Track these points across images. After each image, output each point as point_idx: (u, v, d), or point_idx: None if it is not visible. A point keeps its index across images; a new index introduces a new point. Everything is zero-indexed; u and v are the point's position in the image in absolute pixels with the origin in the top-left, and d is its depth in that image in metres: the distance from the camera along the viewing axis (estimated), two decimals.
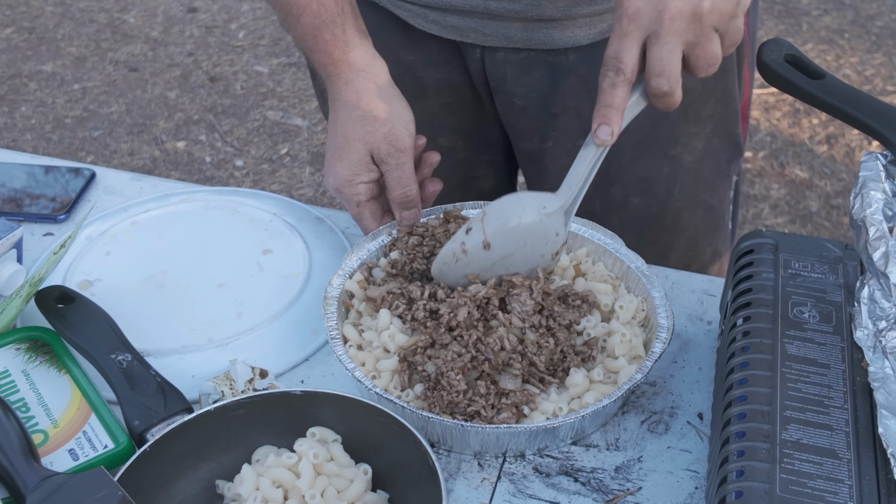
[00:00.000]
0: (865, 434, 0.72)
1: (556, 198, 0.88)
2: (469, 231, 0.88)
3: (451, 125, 1.26)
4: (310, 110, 3.06)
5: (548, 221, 0.87)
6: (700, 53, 0.83)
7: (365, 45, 1.02)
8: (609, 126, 0.85)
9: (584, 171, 0.87)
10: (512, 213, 0.87)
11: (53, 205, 1.16)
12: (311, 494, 0.76)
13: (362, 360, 0.89)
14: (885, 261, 0.76)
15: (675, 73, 0.82)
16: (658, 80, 0.83)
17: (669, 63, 0.82)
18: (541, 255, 0.89)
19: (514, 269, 0.89)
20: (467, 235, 0.88)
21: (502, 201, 0.88)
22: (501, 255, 0.87)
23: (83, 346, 0.90)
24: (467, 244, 0.88)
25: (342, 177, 1.00)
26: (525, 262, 0.89)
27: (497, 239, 0.87)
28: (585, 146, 0.87)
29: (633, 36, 0.82)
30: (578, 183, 0.87)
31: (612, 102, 0.84)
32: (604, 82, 0.84)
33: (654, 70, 0.82)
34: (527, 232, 0.87)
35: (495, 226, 0.87)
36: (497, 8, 1.08)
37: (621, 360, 0.87)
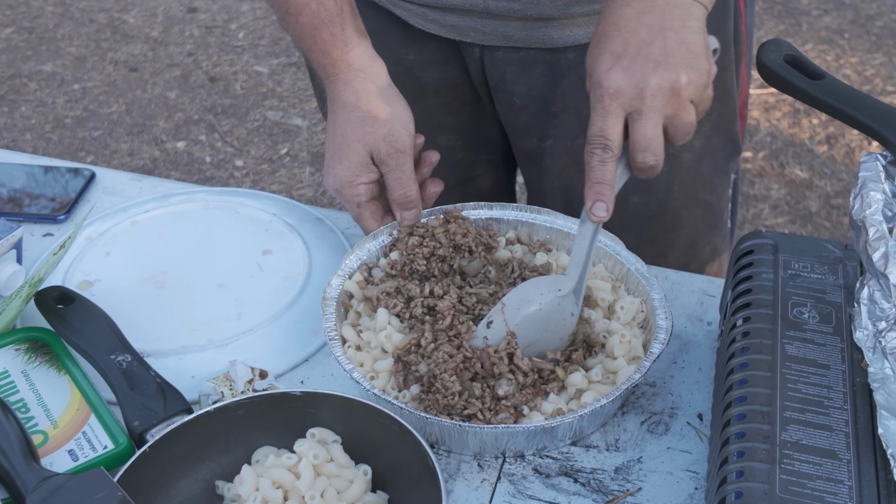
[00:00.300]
0: (865, 435, 0.72)
1: (567, 279, 0.89)
2: (490, 324, 0.88)
3: (450, 125, 1.26)
4: (310, 110, 3.06)
5: (564, 303, 0.89)
6: (678, 124, 0.86)
7: (364, 44, 1.02)
8: (604, 202, 0.87)
9: (586, 248, 0.89)
10: (531, 300, 0.88)
11: (53, 205, 1.16)
12: (310, 495, 0.76)
13: (360, 360, 0.89)
14: (884, 261, 0.76)
15: (659, 147, 0.85)
16: (644, 155, 0.85)
17: (654, 139, 0.85)
18: (560, 337, 0.90)
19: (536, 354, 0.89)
20: (489, 329, 0.88)
21: (520, 290, 0.89)
22: (525, 344, 0.88)
23: (83, 346, 0.90)
24: (490, 338, 0.88)
25: (342, 178, 1.00)
26: (546, 345, 0.90)
27: (519, 328, 0.88)
28: (582, 223, 0.89)
29: (615, 114, 0.85)
30: (582, 261, 0.89)
31: (603, 179, 0.87)
32: (592, 160, 0.86)
33: (640, 146, 0.85)
34: (546, 317, 0.89)
35: (516, 315, 0.88)
36: (496, 7, 1.08)
37: (620, 361, 0.87)
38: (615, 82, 0.85)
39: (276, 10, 1.04)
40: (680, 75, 0.84)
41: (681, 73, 0.84)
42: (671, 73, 0.84)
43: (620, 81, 0.84)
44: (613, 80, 0.85)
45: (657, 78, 0.84)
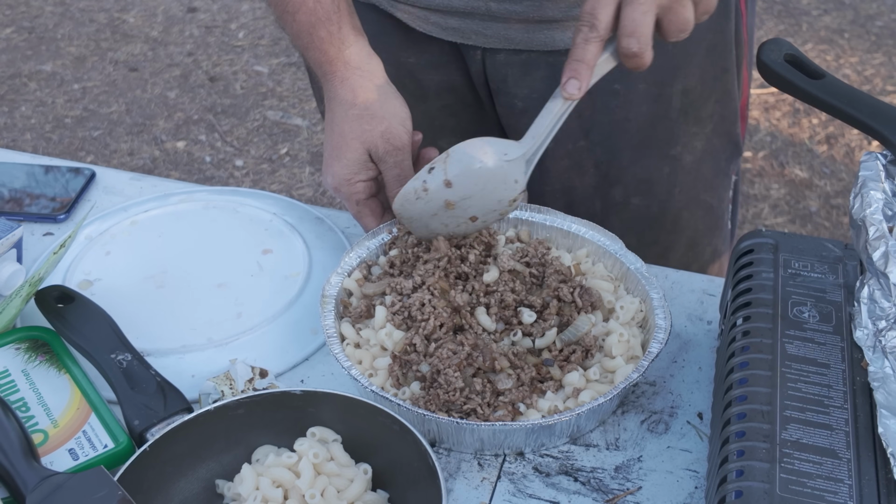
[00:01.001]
0: (865, 434, 0.72)
1: (518, 146, 0.90)
2: (431, 170, 0.90)
3: (451, 127, 1.26)
4: (309, 110, 3.06)
5: (508, 168, 0.90)
6: (672, 18, 0.84)
7: (360, 42, 1.02)
8: (578, 80, 0.86)
9: (549, 123, 0.89)
10: (475, 157, 0.90)
11: (53, 204, 1.16)
12: (310, 494, 0.76)
13: (359, 358, 0.89)
14: (884, 260, 0.76)
15: (646, 34, 0.83)
16: (629, 40, 0.84)
17: (641, 25, 0.83)
18: (498, 199, 0.92)
19: (472, 211, 0.92)
20: (429, 175, 0.90)
21: (466, 144, 0.90)
22: (461, 197, 0.90)
23: (83, 345, 0.90)
24: (429, 183, 0.90)
25: (340, 176, 1.00)
26: (483, 205, 0.92)
27: (458, 180, 0.89)
28: (553, 98, 0.89)
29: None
30: (542, 134, 0.89)
31: (583, 57, 0.86)
32: (577, 37, 0.86)
33: (626, 30, 0.84)
34: (487, 175, 0.90)
35: (457, 167, 0.90)
36: (498, 9, 1.08)
37: (618, 360, 0.88)
38: None
39: (273, 8, 1.04)
40: None
41: None
42: None
43: None
44: None
45: None
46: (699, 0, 0.85)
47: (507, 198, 0.91)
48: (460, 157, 0.90)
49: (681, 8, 0.84)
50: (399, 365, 0.87)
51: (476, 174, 0.90)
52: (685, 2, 0.84)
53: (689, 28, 0.86)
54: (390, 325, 0.89)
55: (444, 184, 0.90)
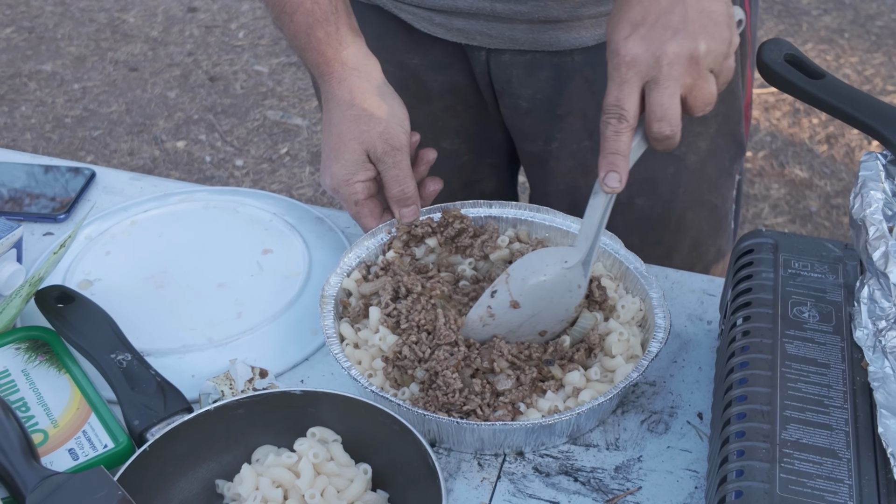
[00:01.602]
0: (865, 434, 0.72)
1: (575, 251, 0.89)
2: (494, 294, 0.88)
3: (454, 128, 1.25)
4: (310, 110, 3.06)
5: (570, 275, 0.88)
6: (698, 95, 0.84)
7: (358, 43, 1.02)
8: (617, 173, 0.85)
9: (597, 220, 0.88)
10: (537, 271, 0.88)
11: (53, 204, 1.16)
12: (310, 494, 0.76)
13: (359, 358, 0.89)
14: (884, 260, 0.76)
15: (676, 117, 0.83)
16: (660, 125, 0.83)
17: (670, 108, 0.83)
18: (565, 308, 0.90)
19: (541, 326, 0.89)
20: (493, 298, 0.88)
21: (525, 260, 0.89)
22: (529, 315, 0.88)
23: (83, 345, 0.90)
24: (494, 307, 0.87)
25: (339, 176, 1.00)
26: (551, 317, 0.89)
27: (524, 298, 0.87)
28: (595, 195, 0.87)
29: (632, 83, 0.83)
30: (593, 233, 0.88)
31: (617, 149, 0.85)
32: (607, 130, 0.84)
33: (656, 115, 0.83)
34: (552, 288, 0.88)
35: (521, 285, 0.87)
36: (503, 10, 1.07)
37: (618, 359, 0.88)
38: (632, 50, 0.83)
39: (271, 9, 1.04)
40: (699, 43, 0.82)
41: (700, 41, 0.82)
42: (690, 41, 0.82)
43: (637, 49, 0.82)
44: (630, 49, 0.83)
45: (675, 46, 0.82)
46: (720, 72, 0.85)
47: (573, 305, 0.90)
48: (522, 274, 0.88)
49: (704, 84, 0.84)
50: (392, 367, 0.87)
51: (540, 288, 0.88)
52: (708, 77, 0.84)
53: (713, 101, 0.85)
54: (383, 329, 0.89)
55: (511, 305, 0.87)
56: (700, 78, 0.83)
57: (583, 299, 0.90)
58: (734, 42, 0.85)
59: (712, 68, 0.83)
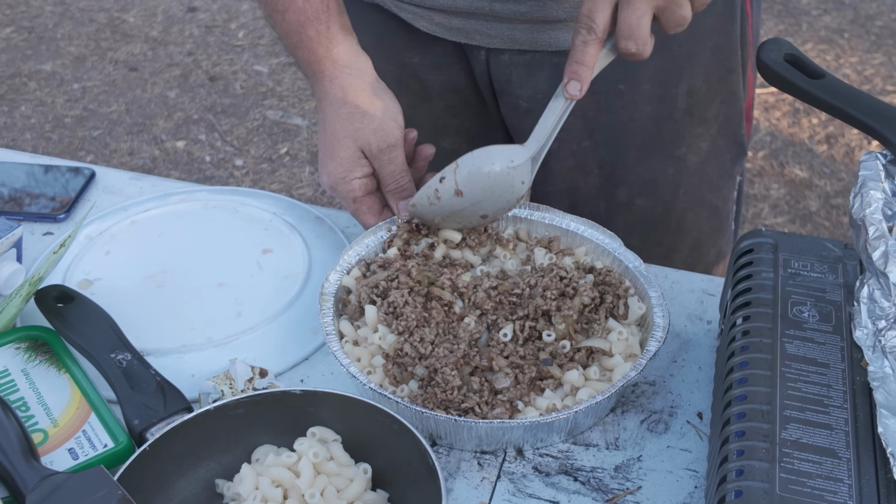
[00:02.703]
0: (865, 433, 0.72)
1: (523, 150, 0.94)
2: (443, 179, 0.94)
3: (454, 128, 1.25)
4: (309, 110, 3.06)
5: (514, 172, 0.94)
6: (669, 17, 0.86)
7: (349, 41, 1.02)
8: (579, 82, 0.89)
9: (552, 124, 0.93)
10: (483, 166, 0.93)
11: (53, 204, 1.16)
12: (310, 493, 0.76)
13: (358, 355, 0.90)
14: (884, 260, 0.76)
15: (643, 35, 0.86)
16: (626, 42, 0.86)
17: (638, 27, 0.85)
18: (507, 200, 0.96)
19: (482, 212, 0.96)
20: (441, 183, 0.94)
21: (473, 154, 0.94)
22: (471, 202, 0.95)
23: (83, 345, 0.90)
24: (440, 191, 0.94)
25: (335, 174, 1.00)
26: (492, 206, 0.96)
27: (467, 188, 0.94)
28: (555, 98, 0.93)
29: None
30: (545, 134, 0.94)
31: (582, 59, 0.89)
32: (576, 39, 0.88)
33: (624, 33, 0.86)
34: (495, 181, 0.94)
35: (466, 177, 0.94)
36: (502, 10, 1.07)
37: (617, 358, 0.88)
38: None
39: (263, 7, 1.04)
40: None
41: None
42: None
43: None
44: None
45: None
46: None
47: (514, 197, 0.96)
48: (469, 168, 0.94)
49: (676, 7, 0.86)
50: (393, 364, 0.87)
51: (484, 180, 0.94)
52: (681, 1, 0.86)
53: (686, 23, 0.87)
54: (382, 327, 0.89)
55: (455, 192, 0.94)
56: (672, 2, 0.85)
57: (525, 193, 0.96)
58: None
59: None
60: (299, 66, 1.05)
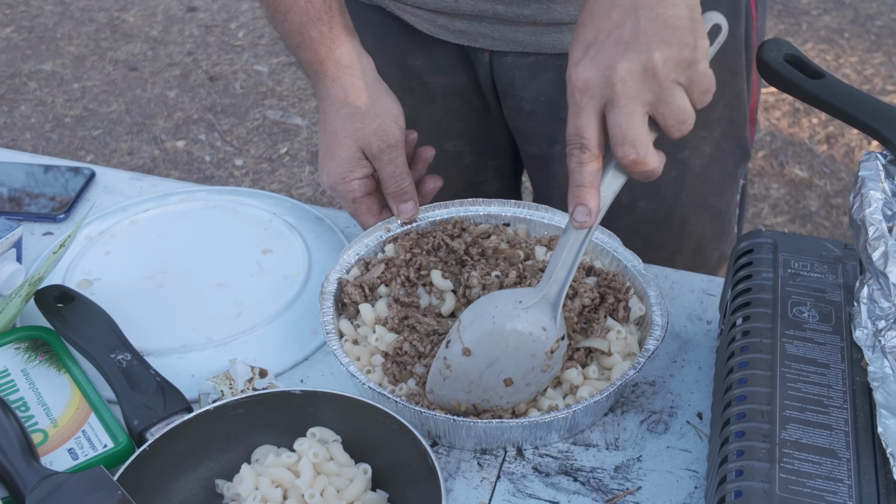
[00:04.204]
0: (865, 434, 0.72)
1: (534, 291, 0.82)
2: (448, 344, 0.82)
3: (457, 130, 1.25)
4: (309, 109, 3.06)
5: (528, 317, 0.81)
6: (666, 112, 0.76)
7: (351, 41, 1.02)
8: (585, 206, 0.79)
9: (566, 258, 0.81)
10: (485, 313, 0.81)
11: (53, 204, 1.16)
12: (310, 494, 0.76)
13: (357, 354, 0.90)
14: (884, 260, 0.76)
15: (638, 137, 0.76)
16: (623, 148, 0.76)
17: (630, 128, 0.76)
18: (531, 354, 0.82)
19: (505, 374, 0.82)
20: (447, 349, 0.82)
21: (475, 305, 0.83)
22: (486, 363, 0.81)
23: (83, 345, 0.90)
24: (449, 358, 0.82)
25: (335, 174, 1.00)
26: (515, 365, 0.82)
27: (476, 344, 0.81)
28: (564, 232, 0.81)
29: (588, 109, 0.77)
30: (561, 271, 0.81)
31: (582, 181, 0.79)
32: (571, 162, 0.79)
33: (617, 139, 0.76)
34: (506, 332, 0.81)
35: (470, 330, 0.81)
36: (506, 12, 1.07)
37: (616, 357, 0.88)
38: (583, 74, 0.77)
39: (265, 8, 1.04)
40: (652, 54, 0.74)
41: (653, 51, 0.74)
42: (642, 52, 0.75)
43: (588, 72, 0.76)
44: (581, 73, 0.77)
45: (626, 62, 0.75)
46: (689, 83, 0.76)
47: (541, 350, 0.81)
48: (471, 319, 0.81)
49: (670, 98, 0.76)
50: (392, 363, 0.87)
51: (494, 332, 0.81)
52: (672, 89, 0.76)
53: (689, 118, 0.77)
54: (380, 328, 0.90)
55: (463, 352, 0.81)
56: (664, 92, 0.75)
57: (556, 343, 0.82)
58: (700, 47, 0.76)
59: (678, 80, 0.76)
60: (301, 67, 1.05)
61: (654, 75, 0.75)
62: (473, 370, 0.82)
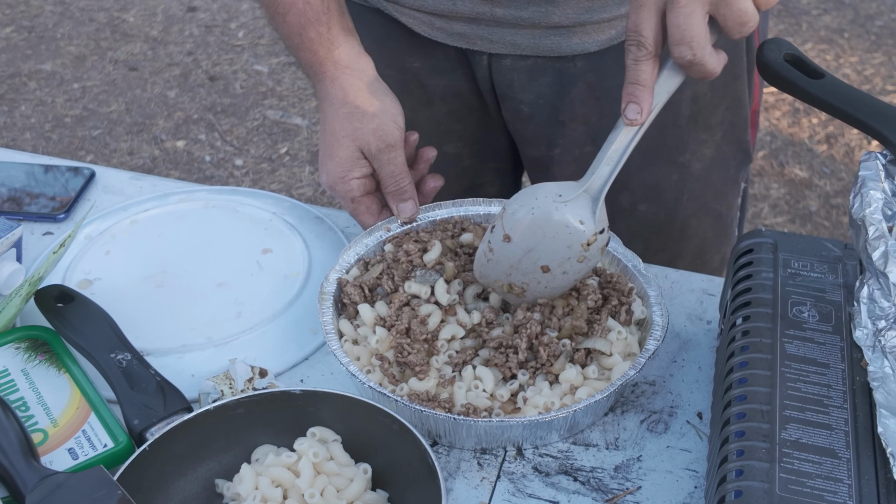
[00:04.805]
0: (865, 433, 0.72)
1: (576, 185, 0.84)
2: (493, 228, 0.87)
3: (457, 132, 1.25)
4: (309, 109, 3.06)
5: (566, 210, 0.83)
6: (727, 13, 0.75)
7: (350, 42, 1.02)
8: (637, 104, 0.80)
9: (613, 154, 0.82)
10: (526, 203, 0.85)
11: (53, 204, 1.16)
12: (310, 493, 0.76)
13: (357, 354, 0.90)
14: (884, 260, 0.76)
15: (696, 38, 0.76)
16: (679, 48, 0.77)
17: (689, 28, 0.75)
18: (567, 245, 0.84)
19: (542, 261, 0.85)
20: (492, 234, 0.87)
21: (519, 195, 0.86)
22: (525, 250, 0.85)
23: (83, 345, 0.90)
24: (492, 242, 0.86)
25: (334, 174, 1.00)
26: (552, 254, 0.85)
27: (516, 232, 0.85)
28: (614, 129, 0.82)
29: (648, 6, 0.77)
30: (606, 166, 0.83)
31: (637, 79, 0.79)
32: (627, 58, 0.79)
33: (674, 39, 0.76)
34: (543, 223, 0.84)
35: (511, 219, 0.85)
36: (504, 15, 1.07)
37: (616, 357, 0.88)
38: None
39: (265, 9, 1.05)
40: None
41: None
42: None
43: None
44: None
45: None
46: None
47: (577, 241, 0.84)
48: (513, 206, 0.85)
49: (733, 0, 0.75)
50: (388, 365, 0.87)
51: (532, 223, 0.84)
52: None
53: (750, 20, 0.76)
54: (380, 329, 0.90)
55: (504, 238, 0.85)
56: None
57: (594, 237, 0.83)
58: None
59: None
60: (301, 68, 1.05)
61: None
62: (513, 255, 0.86)
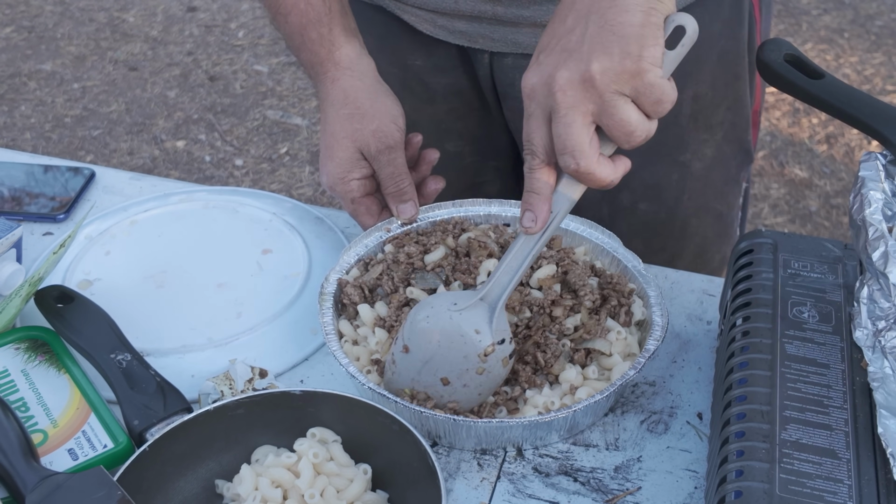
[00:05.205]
0: (865, 434, 0.72)
1: (471, 294, 0.83)
2: (396, 340, 0.86)
3: (458, 131, 1.25)
4: (309, 109, 3.06)
5: (461, 318, 0.82)
6: (609, 123, 0.74)
7: (351, 43, 1.02)
8: (532, 212, 0.79)
9: (512, 262, 0.82)
10: (422, 314, 0.83)
11: (53, 204, 1.16)
12: (310, 494, 0.76)
13: (357, 354, 0.90)
14: (884, 261, 0.76)
15: (578, 147, 0.74)
16: (563, 157, 0.76)
17: (569, 138, 0.74)
18: (463, 356, 0.82)
19: (441, 373, 0.83)
20: (395, 345, 0.85)
21: (418, 305, 0.85)
22: (422, 361, 0.83)
23: (83, 345, 0.90)
24: (395, 353, 0.85)
25: (334, 175, 1.00)
26: (449, 365, 0.83)
27: (412, 342, 0.83)
28: (516, 237, 0.82)
29: (535, 115, 0.77)
30: (504, 276, 0.82)
31: (532, 187, 0.79)
32: (525, 167, 0.80)
33: (558, 148, 0.76)
34: (438, 332, 0.82)
35: (410, 329, 0.84)
36: (505, 14, 1.07)
37: (615, 357, 0.88)
38: (529, 81, 0.76)
39: (267, 9, 1.05)
40: (591, 64, 0.72)
41: (592, 61, 0.72)
42: (581, 62, 0.73)
43: (533, 79, 0.76)
44: (528, 79, 0.76)
45: (565, 70, 0.73)
46: (637, 94, 0.73)
47: (473, 352, 0.82)
48: (412, 319, 0.84)
49: (612, 109, 0.73)
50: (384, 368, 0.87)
51: (426, 332, 0.83)
52: (616, 101, 0.73)
53: (635, 130, 0.74)
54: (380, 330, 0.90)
55: (403, 349, 0.84)
56: (606, 103, 0.73)
57: (490, 347, 0.82)
58: (648, 56, 0.72)
59: (620, 90, 0.73)
60: (303, 68, 1.05)
61: (592, 86, 0.73)
62: (412, 367, 0.84)
